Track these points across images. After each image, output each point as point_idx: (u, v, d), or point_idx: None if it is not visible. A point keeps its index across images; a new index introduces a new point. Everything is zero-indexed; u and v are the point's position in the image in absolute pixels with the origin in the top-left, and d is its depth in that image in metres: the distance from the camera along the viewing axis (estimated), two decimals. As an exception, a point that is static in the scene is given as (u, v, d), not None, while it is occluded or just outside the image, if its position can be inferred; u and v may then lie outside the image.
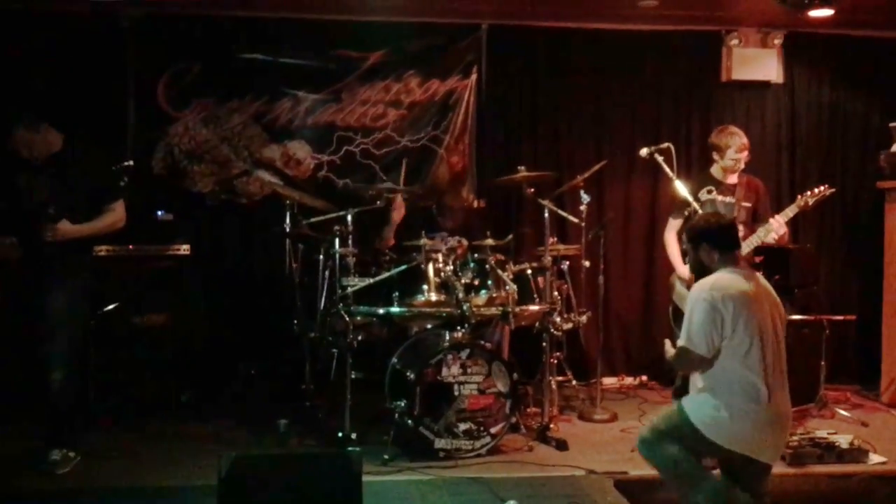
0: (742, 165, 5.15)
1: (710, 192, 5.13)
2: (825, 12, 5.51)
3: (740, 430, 3.40)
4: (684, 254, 5.07)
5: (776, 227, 4.90)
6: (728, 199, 5.12)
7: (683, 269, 4.98)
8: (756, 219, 5.12)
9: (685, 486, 3.52)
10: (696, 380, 3.56)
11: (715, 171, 5.21)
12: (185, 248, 5.49)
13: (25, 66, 5.71)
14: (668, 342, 3.76)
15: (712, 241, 3.59)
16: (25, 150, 4.25)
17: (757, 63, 6.51)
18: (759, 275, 3.68)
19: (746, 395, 3.39)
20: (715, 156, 5.19)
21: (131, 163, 4.59)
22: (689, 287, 4.57)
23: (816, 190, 4.97)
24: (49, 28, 5.81)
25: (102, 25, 5.91)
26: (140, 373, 5.32)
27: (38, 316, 4.23)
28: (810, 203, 4.95)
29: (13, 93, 5.51)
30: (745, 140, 5.10)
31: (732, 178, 5.17)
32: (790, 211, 4.96)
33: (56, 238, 4.16)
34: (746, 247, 4.95)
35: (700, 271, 3.64)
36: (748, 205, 5.13)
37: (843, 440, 4.56)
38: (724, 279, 3.48)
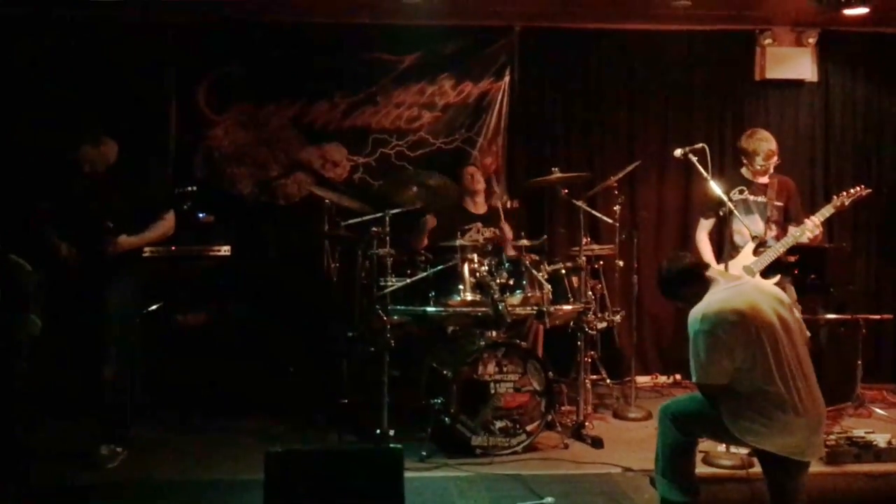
0: (771, 170, 5.13)
1: (741, 191, 5.14)
2: (860, 10, 5.50)
3: (775, 435, 3.35)
4: (717, 253, 5.10)
5: (811, 228, 4.90)
6: (760, 198, 5.13)
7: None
8: (788, 218, 5.12)
9: (667, 467, 3.53)
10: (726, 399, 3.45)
11: (745, 172, 5.21)
12: (225, 249, 5.60)
13: (72, 73, 5.86)
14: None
15: (683, 283, 3.56)
16: (88, 166, 4.49)
17: (791, 62, 6.50)
18: (748, 280, 3.63)
19: (774, 406, 3.32)
20: (744, 160, 5.19)
21: (195, 188, 4.71)
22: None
23: (853, 190, 4.96)
24: (92, 35, 5.97)
25: (144, 32, 6.06)
26: (182, 370, 5.43)
27: (92, 316, 4.39)
28: (846, 203, 4.94)
29: (69, 101, 5.67)
30: (773, 146, 5.09)
31: (763, 179, 5.17)
32: (826, 211, 4.95)
33: (116, 252, 4.39)
34: (781, 246, 4.96)
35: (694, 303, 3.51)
36: (780, 204, 5.13)
37: (880, 439, 4.54)
38: (714, 303, 3.40)
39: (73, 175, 4.51)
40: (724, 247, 4.68)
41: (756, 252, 5.02)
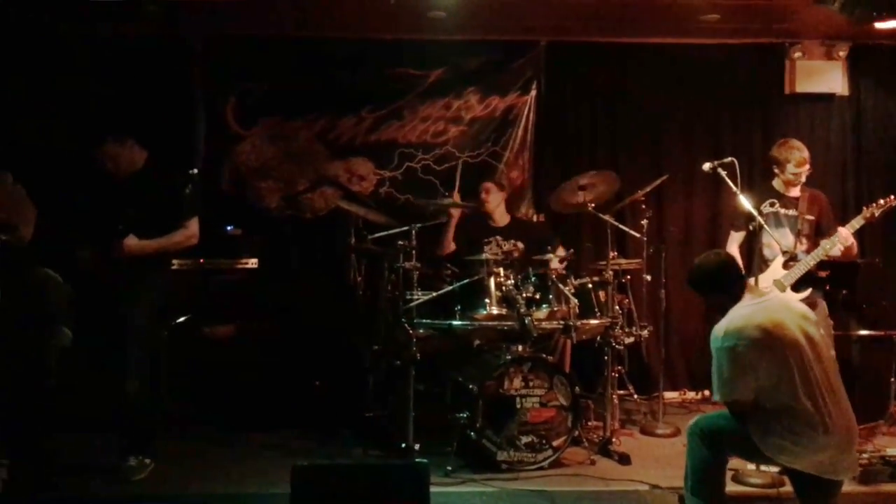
0: (803, 179, 5.09)
1: (772, 204, 5.10)
2: (892, 23, 5.42)
3: (806, 454, 3.31)
4: (747, 269, 5.04)
5: (842, 238, 4.84)
6: (791, 211, 5.09)
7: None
8: (819, 232, 5.06)
9: (696, 485, 3.48)
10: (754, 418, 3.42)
11: (777, 184, 5.17)
12: (252, 262, 5.64)
13: (104, 87, 5.95)
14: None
15: (716, 284, 3.57)
16: (111, 164, 4.44)
17: (821, 75, 6.44)
18: (774, 296, 3.66)
19: (803, 424, 3.28)
20: (776, 169, 5.16)
21: (195, 171, 4.69)
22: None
23: (882, 201, 4.90)
24: (123, 50, 6.06)
25: (173, 47, 6.15)
26: (209, 383, 5.46)
27: (115, 327, 4.39)
28: (877, 214, 4.89)
29: (97, 112, 5.75)
30: (805, 154, 5.05)
31: (795, 192, 5.12)
32: (856, 222, 4.90)
33: (122, 254, 4.30)
34: (812, 259, 4.90)
35: (723, 311, 3.51)
36: (811, 218, 5.07)
37: (914, 458, 4.46)
38: (737, 319, 3.38)
39: (94, 175, 4.48)
40: (754, 260, 4.63)
41: (786, 266, 4.98)
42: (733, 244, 5.25)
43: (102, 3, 5.41)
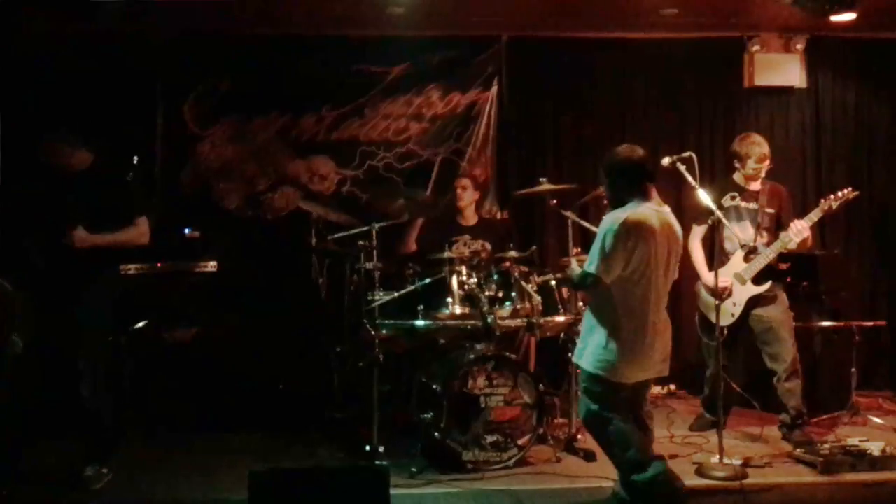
0: (763, 174, 5.12)
1: (733, 198, 5.12)
2: (847, 16, 5.48)
3: (629, 360, 3.71)
4: (709, 262, 5.07)
5: (798, 230, 4.87)
6: (751, 205, 5.11)
7: (709, 277, 4.97)
8: (780, 225, 5.08)
9: (616, 446, 3.80)
10: (585, 318, 3.93)
11: (737, 177, 5.19)
12: (212, 265, 5.52)
13: (59, 85, 5.82)
14: (574, 262, 4.06)
15: (627, 175, 3.81)
16: (60, 160, 4.33)
17: (779, 68, 6.50)
18: (667, 209, 3.87)
19: (633, 325, 3.69)
20: (736, 163, 5.18)
21: (136, 158, 4.59)
22: (713, 294, 4.58)
23: (840, 193, 4.94)
24: (81, 48, 5.93)
25: (132, 46, 6.04)
26: (170, 387, 5.38)
27: (65, 332, 4.28)
28: (834, 206, 4.92)
29: (48, 110, 5.63)
30: (766, 150, 5.07)
31: (755, 185, 5.15)
32: (814, 215, 4.93)
33: (72, 244, 4.19)
34: (771, 252, 4.93)
35: (616, 203, 3.82)
36: (772, 211, 5.10)
37: (875, 447, 4.51)
38: (637, 214, 3.70)
39: (43, 172, 4.37)
40: (716, 253, 4.64)
41: (747, 259, 5.01)
42: (695, 238, 5.27)
43: (61, 2, 5.31)
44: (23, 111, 5.62)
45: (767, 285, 4.96)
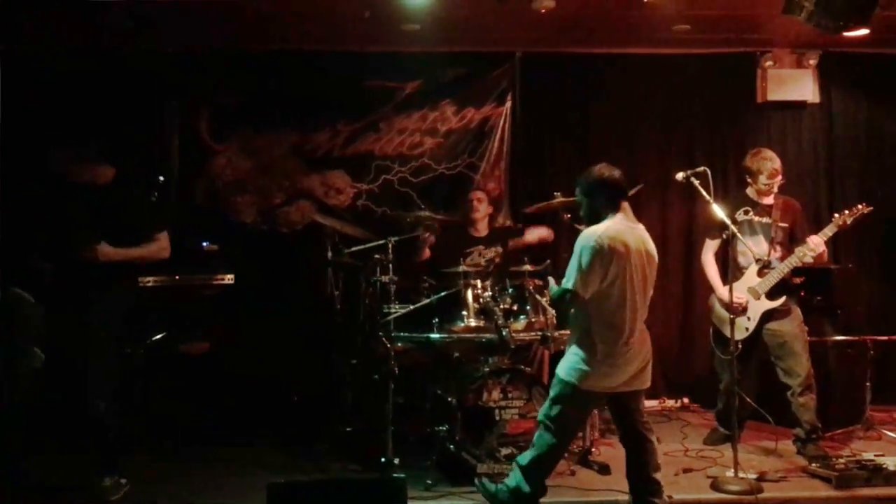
0: (775, 189, 5.12)
1: (746, 212, 5.12)
2: (860, 32, 5.47)
3: (603, 371, 3.74)
4: (723, 277, 5.07)
5: (814, 246, 4.87)
6: (765, 219, 5.11)
7: (723, 291, 4.97)
8: (793, 239, 5.09)
9: (544, 458, 3.89)
10: (571, 331, 3.92)
11: (750, 192, 5.20)
12: (228, 278, 5.57)
13: (76, 101, 5.90)
14: (552, 279, 4.01)
15: (604, 193, 3.86)
16: (78, 176, 4.39)
17: (792, 84, 6.52)
18: (641, 227, 3.92)
19: (609, 337, 3.73)
20: (748, 179, 5.19)
21: (162, 178, 4.65)
22: (728, 309, 4.59)
23: (854, 209, 4.95)
24: (96, 65, 6.01)
25: (146, 62, 6.10)
26: (185, 399, 5.41)
27: (78, 344, 4.31)
28: (848, 222, 4.92)
29: (67, 124, 5.70)
30: (777, 165, 5.08)
31: (769, 200, 5.16)
32: (829, 230, 4.94)
33: (96, 259, 4.23)
34: (786, 267, 4.93)
35: (592, 220, 3.88)
36: (785, 225, 5.11)
37: (890, 462, 4.50)
38: (612, 230, 3.76)
39: (61, 188, 4.41)
40: (729, 268, 4.65)
41: (761, 273, 5.01)
42: (709, 252, 5.28)
43: (79, 18, 5.38)
44: (38, 125, 5.68)
45: (781, 300, 4.97)
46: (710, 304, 5.28)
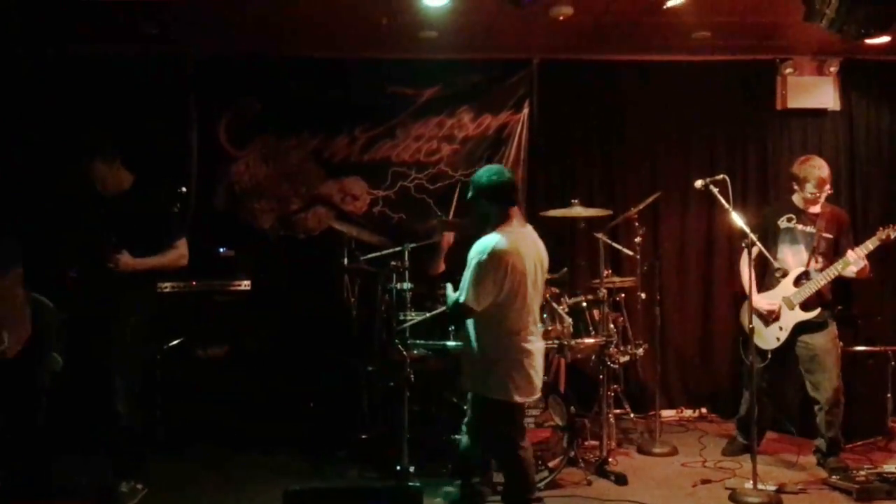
0: (822, 199, 4.95)
1: (790, 220, 5.00)
2: (882, 39, 5.44)
3: (522, 383, 3.73)
4: (759, 285, 4.94)
5: (854, 260, 4.74)
6: (809, 228, 4.96)
7: (756, 298, 4.80)
8: (837, 251, 4.92)
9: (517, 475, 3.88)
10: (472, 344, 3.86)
11: (797, 199, 5.04)
12: (246, 284, 5.62)
13: (96, 107, 5.94)
14: (450, 286, 3.99)
15: (494, 198, 3.80)
16: (99, 183, 4.41)
17: (813, 91, 6.46)
18: (530, 229, 3.89)
19: (516, 345, 3.72)
20: (795, 186, 5.03)
21: (184, 189, 4.67)
22: (758, 315, 4.51)
23: None
24: (115, 71, 6.04)
25: (166, 68, 6.14)
26: (203, 405, 5.43)
27: (101, 349, 4.34)
28: (893, 236, 4.75)
29: (87, 131, 5.73)
30: (825, 174, 4.91)
31: (815, 209, 4.98)
32: (870, 244, 4.77)
33: (117, 268, 4.25)
34: (823, 279, 4.83)
35: (481, 225, 3.84)
36: (829, 236, 4.94)
37: (912, 475, 4.44)
38: (503, 243, 3.70)
39: (82, 195, 4.45)
40: (749, 275, 4.57)
41: (797, 283, 4.91)
42: (745, 261, 5.19)
43: (99, 24, 5.42)
44: (60, 134, 5.74)
45: (816, 311, 4.86)
46: (740, 311, 5.16)
